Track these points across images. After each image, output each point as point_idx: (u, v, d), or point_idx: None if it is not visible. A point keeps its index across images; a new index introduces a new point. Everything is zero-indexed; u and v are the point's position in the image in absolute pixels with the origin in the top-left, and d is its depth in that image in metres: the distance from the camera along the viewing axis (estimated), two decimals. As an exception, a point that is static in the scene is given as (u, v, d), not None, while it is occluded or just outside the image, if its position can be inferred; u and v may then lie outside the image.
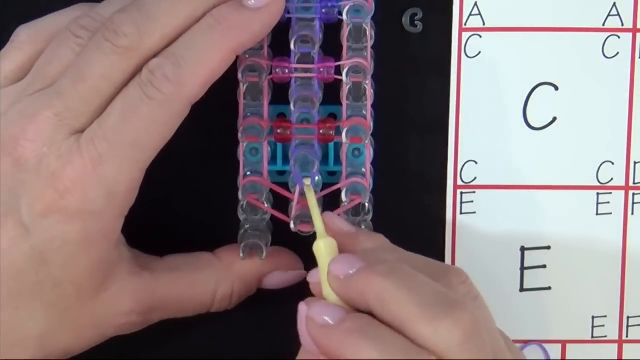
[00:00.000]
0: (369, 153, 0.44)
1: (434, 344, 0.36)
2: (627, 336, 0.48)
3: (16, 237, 0.40)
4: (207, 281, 0.44)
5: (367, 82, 0.44)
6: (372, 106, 0.44)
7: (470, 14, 0.46)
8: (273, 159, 0.45)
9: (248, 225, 0.45)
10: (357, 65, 0.43)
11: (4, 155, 0.40)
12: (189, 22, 0.41)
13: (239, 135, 0.44)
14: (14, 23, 0.45)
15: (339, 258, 0.40)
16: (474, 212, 0.47)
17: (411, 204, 0.47)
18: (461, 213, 0.47)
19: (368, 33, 0.43)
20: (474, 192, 0.47)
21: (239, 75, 0.44)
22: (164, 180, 0.46)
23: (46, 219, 0.40)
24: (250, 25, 0.41)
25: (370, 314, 0.38)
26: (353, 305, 0.39)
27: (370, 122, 0.44)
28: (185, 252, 0.45)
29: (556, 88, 0.47)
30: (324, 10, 0.44)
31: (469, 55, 0.46)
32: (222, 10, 0.41)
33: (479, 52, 0.46)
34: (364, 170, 0.44)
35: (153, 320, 0.43)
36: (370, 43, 0.44)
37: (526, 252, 0.48)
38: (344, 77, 0.43)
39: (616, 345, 0.48)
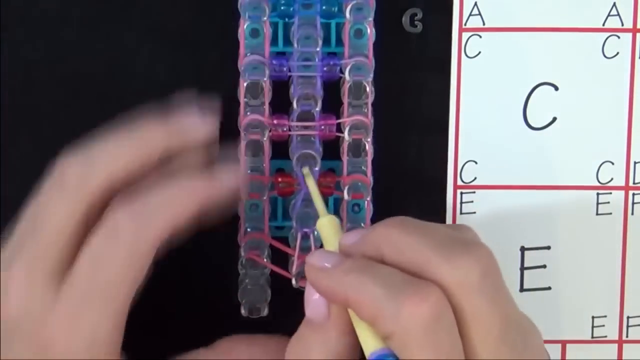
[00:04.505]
0: (369, 209, 0.44)
1: (453, 281, 0.36)
2: (627, 336, 0.48)
3: None
4: None
5: (369, 139, 0.44)
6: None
7: (470, 14, 0.46)
8: (273, 214, 0.45)
9: (247, 280, 0.45)
10: (358, 123, 0.44)
11: None
12: (138, 165, 0.41)
13: (241, 192, 0.44)
14: (14, 23, 0.45)
15: (350, 231, 0.40)
16: (474, 212, 0.47)
17: (411, 204, 0.47)
18: (461, 213, 0.47)
19: (368, 90, 0.43)
20: (474, 192, 0.47)
21: (241, 133, 0.44)
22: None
23: None
24: (212, 189, 0.41)
25: None
26: None
27: (370, 179, 0.44)
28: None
29: (556, 88, 0.47)
30: (325, 68, 0.44)
31: (469, 55, 0.46)
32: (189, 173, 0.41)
33: (479, 52, 0.46)
34: (363, 225, 0.44)
35: None
36: (370, 100, 0.44)
37: (526, 252, 0.48)
38: (345, 135, 0.44)
39: (616, 345, 0.48)
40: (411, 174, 0.47)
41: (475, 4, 0.46)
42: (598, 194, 0.47)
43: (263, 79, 0.43)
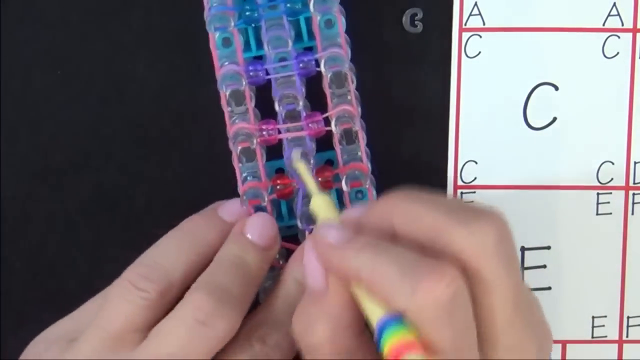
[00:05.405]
0: (371, 194, 0.44)
1: (468, 246, 0.36)
2: (627, 336, 0.48)
3: None
4: None
5: (357, 127, 0.44)
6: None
7: (470, 14, 0.46)
8: (279, 215, 0.45)
9: (266, 284, 0.45)
10: (344, 112, 0.43)
11: None
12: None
13: (242, 201, 0.44)
14: (14, 23, 0.45)
15: (353, 207, 0.39)
16: (474, 212, 0.47)
17: (411, 204, 0.47)
18: (461, 213, 0.47)
19: (349, 77, 0.43)
20: (474, 192, 0.47)
21: (230, 144, 0.44)
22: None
23: None
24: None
25: None
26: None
27: (367, 165, 0.44)
28: None
29: (556, 88, 0.47)
30: (301, 65, 0.43)
31: (469, 55, 0.46)
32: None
33: (479, 52, 0.46)
34: None
35: None
36: (352, 87, 0.43)
37: (526, 252, 0.48)
38: (333, 128, 0.43)
39: (616, 345, 0.48)
40: (411, 174, 0.47)
41: (475, 4, 0.46)
42: (598, 194, 0.47)
43: (240, 87, 0.43)
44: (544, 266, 0.48)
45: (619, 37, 0.46)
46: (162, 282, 0.41)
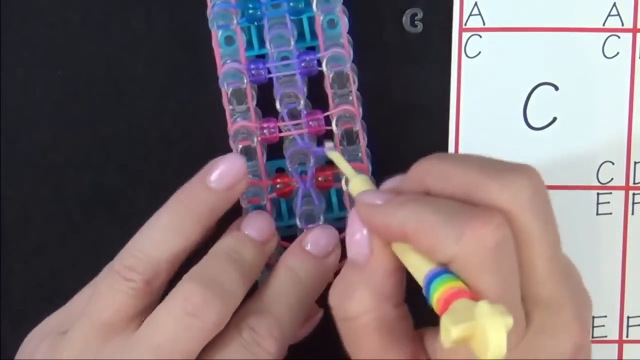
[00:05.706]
0: None
1: (505, 201, 0.35)
2: (627, 336, 0.48)
3: None
4: None
5: (358, 127, 0.44)
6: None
7: (470, 14, 0.46)
8: (279, 215, 0.45)
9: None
10: (345, 112, 0.43)
11: None
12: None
13: (241, 199, 0.44)
14: (13, 23, 0.45)
15: (389, 179, 0.40)
16: (474, 212, 0.47)
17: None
18: (461, 213, 0.47)
19: (351, 78, 0.43)
20: (474, 192, 0.47)
21: (231, 142, 0.44)
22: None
23: None
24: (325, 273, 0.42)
25: None
26: None
27: (368, 165, 0.44)
28: None
29: (556, 88, 0.47)
30: (302, 64, 0.43)
31: (469, 55, 0.46)
32: (303, 266, 0.42)
33: (479, 52, 0.46)
34: None
35: None
36: (354, 87, 0.44)
37: (526, 252, 0.48)
38: (333, 127, 0.44)
39: (616, 345, 0.48)
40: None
41: (475, 4, 0.46)
42: (598, 194, 0.47)
43: (242, 86, 0.43)
44: (544, 266, 0.48)
45: (619, 37, 0.46)
46: (149, 271, 0.41)
